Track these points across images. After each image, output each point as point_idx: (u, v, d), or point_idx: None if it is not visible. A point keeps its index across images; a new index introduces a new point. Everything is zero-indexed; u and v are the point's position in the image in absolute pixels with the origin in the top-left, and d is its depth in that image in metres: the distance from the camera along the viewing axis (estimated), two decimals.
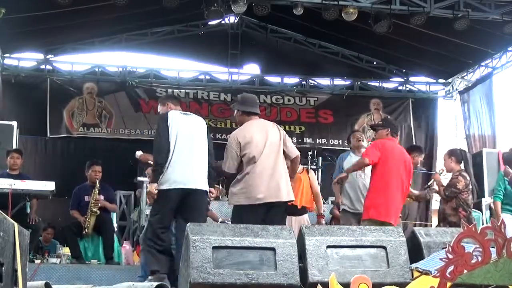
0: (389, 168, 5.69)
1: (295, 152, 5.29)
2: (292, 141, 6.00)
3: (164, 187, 5.06)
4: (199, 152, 5.25)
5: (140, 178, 7.95)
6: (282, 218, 5.17)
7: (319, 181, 9.43)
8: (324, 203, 9.21)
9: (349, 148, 7.08)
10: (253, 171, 5.01)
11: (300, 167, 6.67)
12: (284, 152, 5.20)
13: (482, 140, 10.84)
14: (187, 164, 5.13)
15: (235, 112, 5.39)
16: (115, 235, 7.87)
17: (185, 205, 5.11)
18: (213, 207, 7.62)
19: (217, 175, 5.70)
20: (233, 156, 5.10)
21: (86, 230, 7.33)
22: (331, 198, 9.58)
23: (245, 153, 5.06)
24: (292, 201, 5.29)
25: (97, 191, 7.38)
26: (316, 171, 9.40)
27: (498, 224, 2.73)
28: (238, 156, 5.08)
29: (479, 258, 2.69)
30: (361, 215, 5.89)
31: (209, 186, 5.30)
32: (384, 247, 3.94)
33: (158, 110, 5.73)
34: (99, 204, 7.39)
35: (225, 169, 5.18)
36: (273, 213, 5.01)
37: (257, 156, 5.02)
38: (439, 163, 9.93)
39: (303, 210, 6.88)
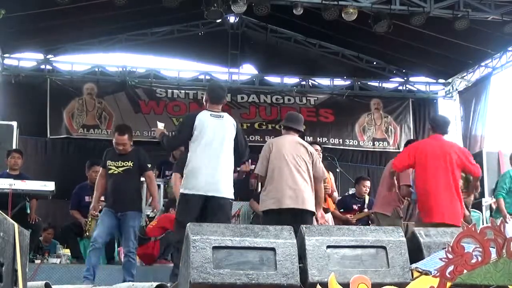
0: (426, 168, 5.56)
1: (322, 173, 5.59)
2: None
3: (186, 191, 5.15)
4: (224, 157, 5.22)
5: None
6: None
7: None
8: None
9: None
10: (275, 178, 5.33)
11: None
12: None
13: (474, 140, 10.83)
14: (211, 170, 5.13)
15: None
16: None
17: (208, 212, 5.14)
18: None
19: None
20: (263, 157, 5.47)
21: (87, 233, 7.31)
22: None
23: (271, 159, 5.40)
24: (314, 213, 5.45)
25: None
26: None
27: (498, 224, 2.73)
28: (267, 158, 5.44)
29: (479, 258, 2.69)
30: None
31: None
32: (384, 247, 3.93)
33: None
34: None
35: (256, 171, 5.57)
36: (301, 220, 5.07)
37: (282, 166, 5.34)
38: None
39: (326, 210, 6.98)
